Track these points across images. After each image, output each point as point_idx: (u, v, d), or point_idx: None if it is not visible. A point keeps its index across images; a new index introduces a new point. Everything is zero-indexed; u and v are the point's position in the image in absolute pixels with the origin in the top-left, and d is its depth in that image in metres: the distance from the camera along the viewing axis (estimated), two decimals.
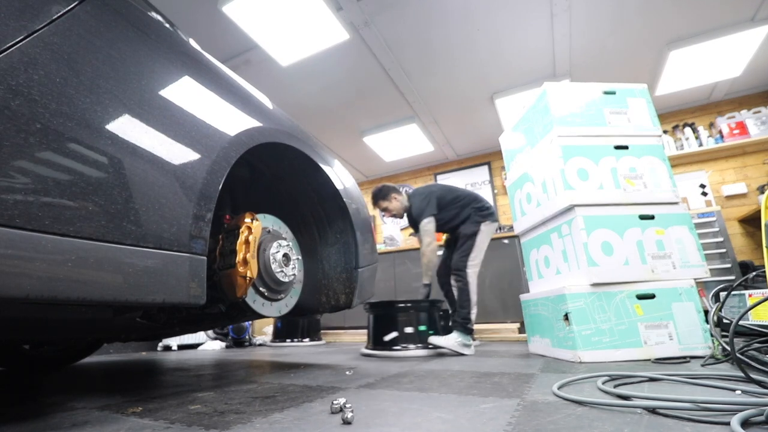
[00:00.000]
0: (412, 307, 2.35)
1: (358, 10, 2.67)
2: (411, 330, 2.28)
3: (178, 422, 0.82)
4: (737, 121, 3.78)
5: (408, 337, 2.25)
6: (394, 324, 2.30)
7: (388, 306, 2.38)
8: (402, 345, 2.24)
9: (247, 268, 1.11)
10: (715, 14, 2.89)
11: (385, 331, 2.31)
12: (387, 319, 2.34)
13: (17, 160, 0.59)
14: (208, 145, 0.94)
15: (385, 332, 2.31)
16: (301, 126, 1.47)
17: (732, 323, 1.03)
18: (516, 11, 2.77)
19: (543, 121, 2.03)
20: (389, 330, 2.30)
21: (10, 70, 0.59)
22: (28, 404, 1.10)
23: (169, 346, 3.56)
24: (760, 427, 0.63)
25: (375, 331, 2.39)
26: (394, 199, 2.57)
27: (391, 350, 2.22)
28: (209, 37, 2.85)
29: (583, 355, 1.57)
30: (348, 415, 0.76)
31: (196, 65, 1.02)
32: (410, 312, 2.33)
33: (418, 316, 2.32)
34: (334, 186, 1.51)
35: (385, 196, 2.57)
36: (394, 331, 2.29)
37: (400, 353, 2.19)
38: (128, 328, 1.51)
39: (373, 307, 2.42)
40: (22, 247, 0.58)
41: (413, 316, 2.32)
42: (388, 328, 2.30)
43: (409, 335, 2.26)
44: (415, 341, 2.26)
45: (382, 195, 2.59)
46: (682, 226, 1.79)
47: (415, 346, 2.23)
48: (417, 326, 2.30)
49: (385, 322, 2.34)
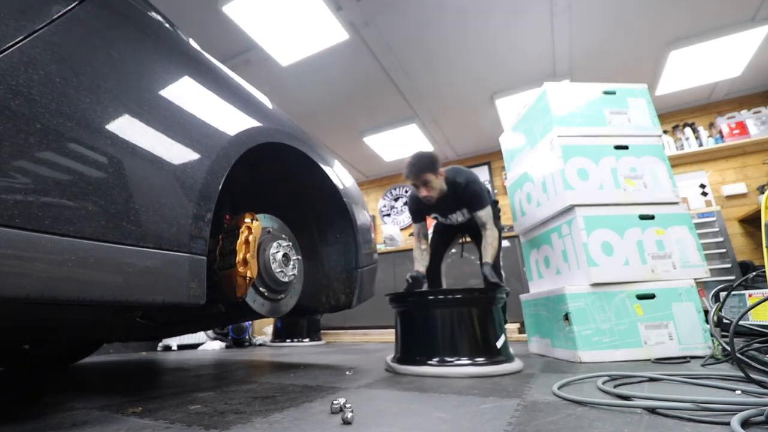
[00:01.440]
0: (478, 298, 1.52)
1: (358, 10, 2.67)
2: (469, 336, 1.46)
3: (178, 422, 0.82)
4: (737, 121, 3.78)
5: (460, 347, 1.44)
6: (449, 325, 1.48)
7: (449, 295, 1.51)
8: (451, 358, 1.40)
9: (247, 268, 1.11)
10: (715, 14, 2.89)
11: (425, 336, 1.49)
12: (440, 318, 1.48)
13: (17, 160, 0.59)
14: (208, 145, 0.93)
15: (424, 337, 1.49)
16: (301, 126, 1.47)
17: (732, 323, 1.03)
18: (516, 11, 2.77)
19: (543, 121, 2.03)
20: (431, 335, 1.48)
21: (10, 70, 0.59)
22: (28, 404, 1.10)
23: (169, 346, 3.56)
24: (760, 427, 0.63)
25: (409, 334, 1.57)
26: (441, 177, 1.96)
27: (434, 365, 1.40)
28: (209, 37, 2.85)
29: (583, 355, 1.57)
30: (348, 415, 0.76)
31: (195, 65, 1.02)
32: (478, 305, 1.51)
33: (488, 313, 1.52)
34: (334, 186, 1.51)
35: (436, 168, 1.92)
36: (501, 336, 1.51)
37: (450, 370, 1.35)
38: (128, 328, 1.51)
39: (408, 297, 1.62)
40: (22, 247, 0.58)
41: (482, 312, 1.51)
42: (438, 332, 1.48)
43: (462, 343, 1.44)
44: (474, 353, 1.42)
45: (432, 165, 1.90)
46: (682, 226, 1.79)
47: (471, 361, 1.39)
48: (486, 330, 1.48)
49: (433, 323, 1.49)
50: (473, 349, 1.43)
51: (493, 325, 1.51)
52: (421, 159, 1.91)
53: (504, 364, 1.40)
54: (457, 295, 1.50)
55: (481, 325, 1.49)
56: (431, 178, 1.91)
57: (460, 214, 2.10)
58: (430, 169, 1.90)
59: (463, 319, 1.48)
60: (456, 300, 1.50)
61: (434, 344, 1.46)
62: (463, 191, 1.98)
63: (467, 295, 1.51)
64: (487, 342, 1.47)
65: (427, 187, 1.93)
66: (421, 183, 1.92)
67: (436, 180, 1.93)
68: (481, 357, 1.41)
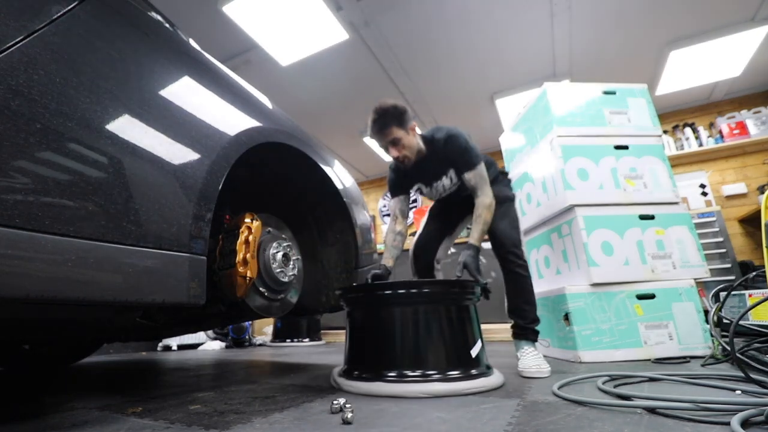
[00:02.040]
0: (453, 293, 1.22)
1: (358, 10, 2.67)
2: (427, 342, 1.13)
3: (178, 422, 0.82)
4: (737, 121, 3.78)
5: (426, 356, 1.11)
6: (414, 329, 1.14)
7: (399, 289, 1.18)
8: (414, 372, 1.08)
9: (247, 268, 1.11)
10: (715, 14, 2.89)
11: (381, 342, 1.16)
12: (394, 321, 1.16)
13: (17, 160, 0.59)
14: (208, 145, 0.93)
15: (379, 344, 1.16)
16: (301, 126, 1.47)
17: (732, 323, 1.03)
18: (516, 11, 2.77)
19: (543, 121, 2.03)
20: (386, 341, 1.15)
21: (10, 70, 0.59)
22: (28, 404, 1.10)
23: (169, 346, 3.56)
24: (760, 427, 0.63)
25: (358, 343, 1.24)
26: (412, 131, 1.54)
27: (391, 380, 1.07)
28: (209, 37, 2.85)
29: (583, 355, 1.57)
30: (348, 415, 0.76)
31: (195, 65, 1.02)
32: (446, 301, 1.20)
33: (465, 312, 1.22)
34: (334, 186, 1.51)
35: (404, 121, 1.50)
36: (478, 343, 1.20)
37: (411, 388, 1.03)
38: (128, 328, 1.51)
39: (360, 292, 1.28)
40: (22, 247, 0.58)
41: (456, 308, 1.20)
42: (397, 337, 1.14)
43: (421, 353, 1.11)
44: (443, 364, 1.10)
45: (399, 118, 1.49)
46: (682, 226, 1.79)
47: (441, 375, 1.07)
48: (462, 334, 1.18)
49: (388, 328, 1.16)
50: (442, 360, 1.11)
51: (470, 328, 1.21)
52: (384, 112, 1.48)
53: (481, 379, 1.10)
54: (424, 288, 1.18)
55: (454, 327, 1.17)
56: (400, 134, 1.49)
57: (447, 179, 1.63)
58: (396, 122, 1.49)
59: (432, 320, 1.15)
60: (422, 295, 1.17)
61: (392, 353, 1.12)
62: (443, 148, 1.56)
63: (438, 289, 1.20)
64: (462, 350, 1.15)
65: (397, 147, 1.51)
66: (389, 142, 1.51)
67: (407, 137, 1.52)
68: (453, 370, 1.09)
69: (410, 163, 1.56)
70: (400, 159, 1.53)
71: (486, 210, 1.50)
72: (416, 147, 1.56)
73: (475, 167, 1.54)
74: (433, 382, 1.04)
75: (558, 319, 1.74)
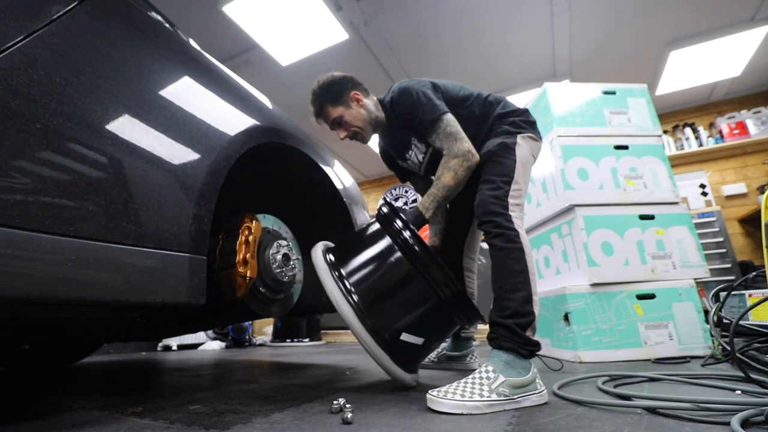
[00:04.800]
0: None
1: (358, 10, 2.67)
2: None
3: (178, 422, 0.82)
4: (737, 121, 3.78)
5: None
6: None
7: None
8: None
9: (247, 268, 1.11)
10: (715, 14, 2.89)
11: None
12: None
13: (17, 160, 0.59)
14: (207, 145, 0.93)
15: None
16: (301, 126, 1.47)
17: (732, 323, 1.03)
18: (516, 11, 2.77)
19: (543, 121, 2.03)
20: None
21: (10, 70, 0.59)
22: (28, 404, 1.10)
23: (169, 346, 3.56)
24: (760, 427, 0.63)
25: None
26: (354, 102, 1.33)
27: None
28: (209, 37, 2.85)
29: (583, 355, 1.57)
30: (348, 415, 0.76)
31: (195, 65, 1.02)
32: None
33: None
34: (334, 186, 1.51)
35: (337, 95, 1.33)
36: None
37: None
38: (128, 328, 1.51)
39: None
40: (22, 247, 0.58)
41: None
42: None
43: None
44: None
45: (329, 94, 1.33)
46: (682, 226, 1.79)
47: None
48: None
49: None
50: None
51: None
52: (314, 96, 1.34)
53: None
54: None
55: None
56: (338, 111, 1.31)
57: (416, 150, 1.38)
58: (328, 100, 1.31)
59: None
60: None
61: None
62: (393, 113, 1.31)
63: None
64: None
65: (341, 127, 1.33)
66: (331, 125, 1.36)
67: (348, 111, 1.31)
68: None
69: (369, 137, 1.36)
70: (351, 138, 1.34)
71: (446, 169, 1.14)
72: (367, 118, 1.33)
73: (432, 124, 1.18)
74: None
75: (558, 319, 1.74)
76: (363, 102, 1.34)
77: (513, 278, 0.98)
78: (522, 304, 0.95)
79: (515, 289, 0.97)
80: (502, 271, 1.00)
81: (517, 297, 0.96)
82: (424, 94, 1.20)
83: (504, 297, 0.97)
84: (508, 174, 1.12)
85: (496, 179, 1.11)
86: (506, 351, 0.91)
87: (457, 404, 0.81)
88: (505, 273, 0.99)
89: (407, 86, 1.24)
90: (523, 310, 0.94)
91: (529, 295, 0.97)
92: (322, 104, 1.33)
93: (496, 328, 0.95)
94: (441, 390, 0.86)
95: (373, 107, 1.35)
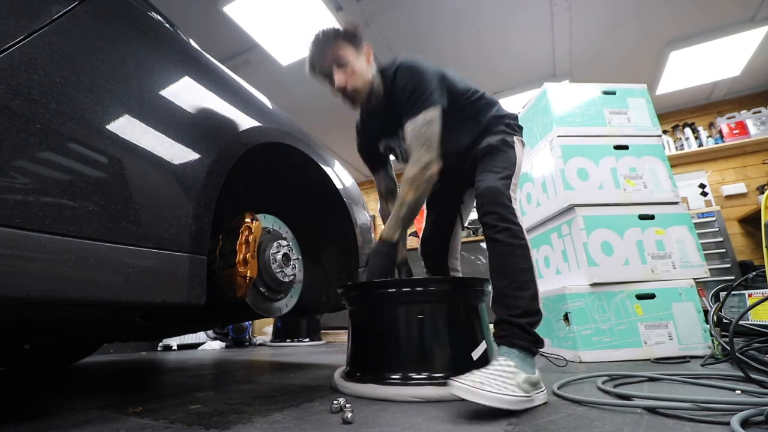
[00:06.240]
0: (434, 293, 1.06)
1: (358, 10, 2.67)
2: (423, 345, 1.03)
3: (178, 422, 0.82)
4: (737, 121, 3.78)
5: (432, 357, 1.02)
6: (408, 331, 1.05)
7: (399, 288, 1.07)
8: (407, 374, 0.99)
9: (247, 268, 1.11)
10: (714, 14, 2.89)
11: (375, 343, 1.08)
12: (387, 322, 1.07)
13: (17, 160, 0.59)
14: (207, 145, 0.93)
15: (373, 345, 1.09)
16: (301, 126, 1.47)
17: (732, 323, 1.03)
18: (516, 11, 2.77)
19: (543, 121, 2.03)
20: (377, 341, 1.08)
21: (10, 70, 0.59)
22: (28, 404, 1.10)
23: (169, 346, 3.56)
24: (760, 427, 0.64)
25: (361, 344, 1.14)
26: (368, 58, 1.23)
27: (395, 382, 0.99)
28: (209, 37, 2.85)
29: (583, 354, 1.57)
30: (348, 415, 0.76)
31: (195, 65, 1.02)
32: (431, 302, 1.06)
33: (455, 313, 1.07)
34: (334, 186, 1.51)
35: (352, 38, 1.20)
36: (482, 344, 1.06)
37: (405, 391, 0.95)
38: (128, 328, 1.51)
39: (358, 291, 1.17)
40: (22, 247, 0.58)
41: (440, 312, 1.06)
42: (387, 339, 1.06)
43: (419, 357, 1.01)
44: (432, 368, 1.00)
45: (349, 34, 1.19)
46: (682, 226, 1.79)
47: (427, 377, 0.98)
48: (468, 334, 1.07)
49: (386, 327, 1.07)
50: (446, 362, 1.01)
51: (478, 328, 1.10)
52: (328, 31, 1.19)
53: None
54: (430, 286, 1.06)
55: (458, 328, 1.06)
56: (348, 52, 1.15)
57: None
58: (344, 35, 1.17)
59: (437, 321, 1.05)
60: (428, 294, 1.06)
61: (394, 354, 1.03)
62: (392, 87, 1.18)
63: (443, 288, 1.08)
64: (467, 352, 1.03)
65: (342, 69, 1.15)
66: (332, 63, 1.16)
67: (357, 59, 1.16)
68: (457, 372, 0.89)
69: (361, 99, 1.19)
70: (346, 91, 1.16)
71: (408, 186, 1.05)
72: (369, 78, 1.18)
73: (417, 114, 1.07)
74: (435, 386, 0.94)
75: (558, 319, 1.74)
76: (371, 62, 1.22)
77: (521, 276, 0.97)
78: (531, 302, 0.95)
79: (524, 287, 0.96)
80: (509, 268, 0.98)
81: (526, 295, 0.95)
82: (429, 79, 1.13)
83: (512, 295, 0.96)
84: (510, 167, 1.12)
85: (501, 169, 1.10)
86: (520, 349, 0.90)
87: (496, 397, 0.76)
88: (512, 270, 0.97)
89: (413, 64, 1.16)
90: (533, 309, 0.95)
91: (536, 292, 0.97)
92: (335, 35, 1.16)
93: (509, 327, 0.93)
94: (467, 379, 0.79)
95: (375, 72, 1.24)
